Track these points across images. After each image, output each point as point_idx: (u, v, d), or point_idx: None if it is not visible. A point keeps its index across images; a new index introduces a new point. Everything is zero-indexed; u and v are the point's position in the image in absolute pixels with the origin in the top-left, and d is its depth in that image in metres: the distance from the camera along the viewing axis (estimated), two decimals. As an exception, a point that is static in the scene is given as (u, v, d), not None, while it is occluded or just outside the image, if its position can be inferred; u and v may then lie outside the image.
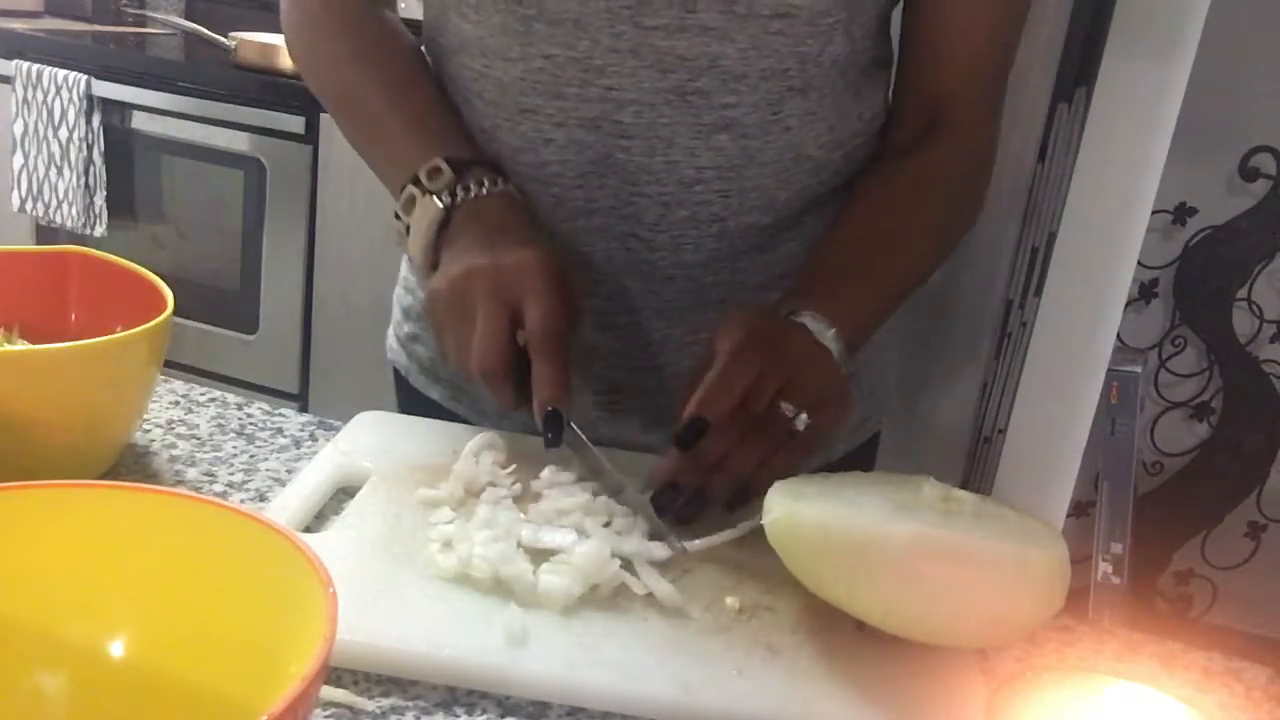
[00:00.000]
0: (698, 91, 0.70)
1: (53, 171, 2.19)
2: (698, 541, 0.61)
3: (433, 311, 0.69)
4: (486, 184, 0.71)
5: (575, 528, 0.61)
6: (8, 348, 0.66)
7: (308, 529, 0.62)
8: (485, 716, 0.51)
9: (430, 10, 0.78)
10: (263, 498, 0.67)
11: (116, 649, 0.45)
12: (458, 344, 0.67)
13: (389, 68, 0.78)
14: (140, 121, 2.18)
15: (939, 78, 0.79)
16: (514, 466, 0.68)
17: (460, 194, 0.70)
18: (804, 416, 0.64)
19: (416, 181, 0.71)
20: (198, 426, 0.75)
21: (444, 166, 0.71)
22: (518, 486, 0.66)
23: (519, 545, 0.59)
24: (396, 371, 0.90)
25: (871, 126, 0.80)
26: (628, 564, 0.59)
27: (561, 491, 0.65)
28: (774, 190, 0.75)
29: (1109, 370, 1.69)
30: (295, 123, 2.06)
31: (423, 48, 0.82)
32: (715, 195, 0.74)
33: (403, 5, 0.88)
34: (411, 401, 0.88)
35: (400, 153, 0.73)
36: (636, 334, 0.78)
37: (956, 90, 0.78)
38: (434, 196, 0.70)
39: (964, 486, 0.58)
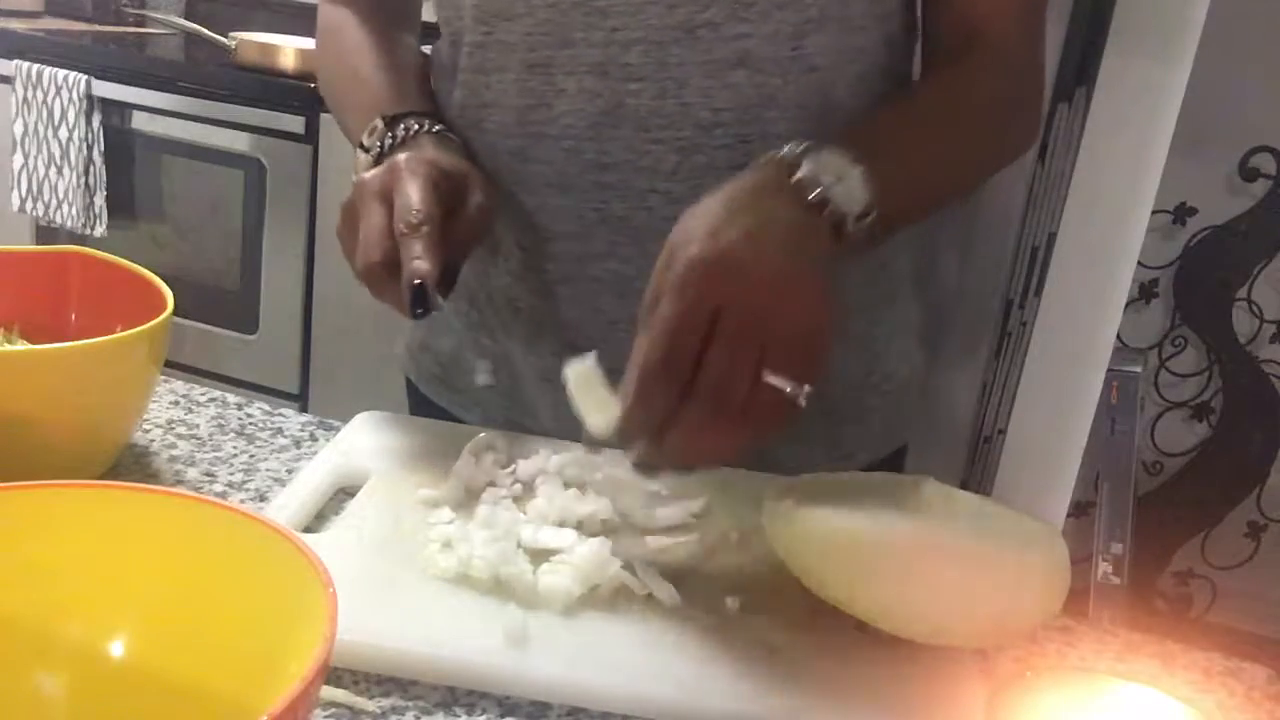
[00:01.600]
0: (706, 24, 0.67)
1: (53, 171, 2.19)
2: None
3: (340, 238, 0.69)
4: (415, 128, 0.70)
5: (574, 525, 0.61)
6: (8, 348, 0.66)
7: (308, 529, 0.62)
8: (485, 716, 0.51)
9: None
10: (263, 498, 0.67)
11: (116, 649, 0.44)
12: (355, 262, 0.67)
13: (384, 51, 0.79)
14: (140, 121, 2.18)
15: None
16: (514, 466, 0.68)
17: (388, 141, 0.70)
18: (807, 389, 0.53)
19: (362, 145, 0.72)
20: (198, 426, 0.75)
21: (379, 123, 0.71)
22: (518, 487, 0.66)
23: (519, 545, 0.59)
24: (408, 380, 0.90)
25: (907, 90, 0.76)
26: (628, 564, 0.59)
27: (553, 488, 0.65)
28: (797, 136, 0.67)
29: (1109, 370, 1.69)
30: (295, 123, 2.06)
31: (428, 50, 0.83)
32: (736, 140, 0.69)
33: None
34: (422, 409, 0.88)
35: (361, 124, 0.74)
36: None
37: (991, 10, 0.73)
38: (367, 152, 0.71)
39: (964, 486, 0.58)
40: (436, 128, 0.72)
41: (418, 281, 0.62)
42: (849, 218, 0.58)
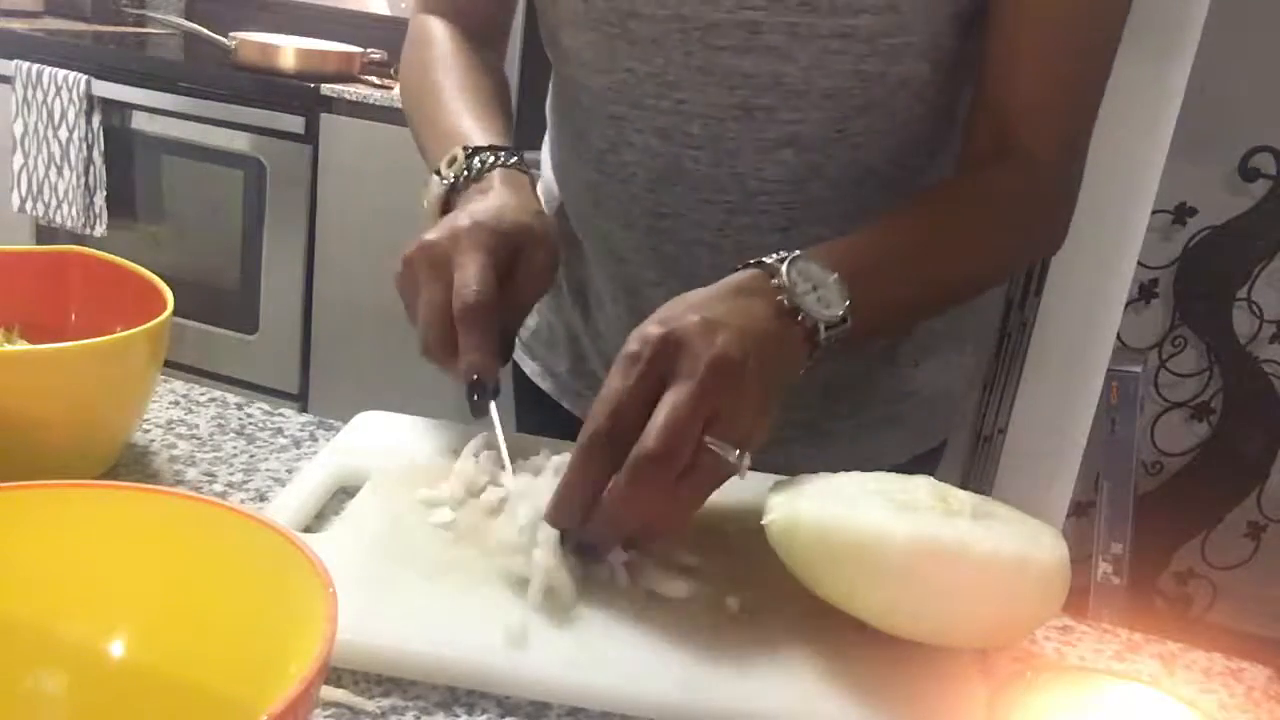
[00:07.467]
0: (762, 108, 0.73)
1: (53, 171, 2.19)
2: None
3: (399, 290, 0.69)
4: (491, 159, 0.72)
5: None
6: (8, 348, 0.66)
7: (308, 529, 0.62)
8: (485, 716, 0.51)
9: (544, 28, 0.82)
10: (263, 498, 0.67)
11: (116, 649, 0.44)
12: (414, 321, 0.68)
13: (468, 76, 0.83)
14: (140, 121, 2.18)
15: (1009, 93, 0.73)
16: (514, 466, 0.68)
17: (463, 173, 0.72)
18: (747, 459, 0.55)
19: (438, 171, 0.74)
20: (198, 426, 0.75)
21: (459, 153, 0.73)
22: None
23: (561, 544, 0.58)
24: (520, 370, 0.95)
25: (941, 161, 0.78)
26: (627, 564, 0.59)
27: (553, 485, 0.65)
28: (840, 202, 0.76)
29: (1109, 370, 1.69)
30: (295, 123, 2.06)
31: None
32: (779, 206, 0.76)
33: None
34: (529, 400, 0.94)
35: (440, 148, 0.76)
36: None
37: (1026, 108, 0.73)
38: (442, 179, 0.73)
39: (964, 486, 0.58)
40: (512, 160, 0.74)
41: (475, 378, 0.64)
42: (821, 325, 0.60)
